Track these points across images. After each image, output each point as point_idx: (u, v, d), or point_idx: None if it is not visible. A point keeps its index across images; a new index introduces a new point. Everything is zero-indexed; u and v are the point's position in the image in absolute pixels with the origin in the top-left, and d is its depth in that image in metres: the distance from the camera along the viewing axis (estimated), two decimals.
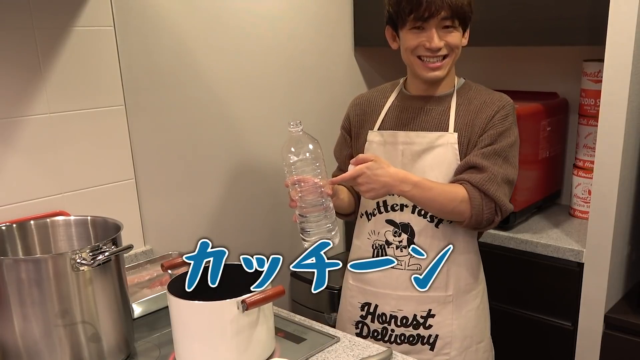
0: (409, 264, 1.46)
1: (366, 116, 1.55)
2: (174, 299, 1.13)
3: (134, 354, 1.28)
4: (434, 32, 1.37)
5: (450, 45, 1.40)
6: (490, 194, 1.37)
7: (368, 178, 1.31)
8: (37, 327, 1.12)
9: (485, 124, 1.41)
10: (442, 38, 1.38)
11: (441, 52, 1.39)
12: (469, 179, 1.38)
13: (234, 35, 1.98)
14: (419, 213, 1.45)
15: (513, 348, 2.02)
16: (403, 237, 1.46)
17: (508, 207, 1.41)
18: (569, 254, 1.83)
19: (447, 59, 1.41)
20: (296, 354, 1.24)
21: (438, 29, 1.38)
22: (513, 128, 1.44)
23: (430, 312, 1.47)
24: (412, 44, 1.40)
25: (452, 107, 1.45)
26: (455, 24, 1.38)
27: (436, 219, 1.44)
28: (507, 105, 1.44)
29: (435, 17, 1.35)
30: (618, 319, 1.76)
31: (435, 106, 1.47)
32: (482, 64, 2.47)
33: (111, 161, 1.70)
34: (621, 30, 1.60)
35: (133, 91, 1.73)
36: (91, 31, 1.61)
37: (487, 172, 1.37)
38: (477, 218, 1.38)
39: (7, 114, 1.48)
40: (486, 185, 1.37)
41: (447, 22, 1.37)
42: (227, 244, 2.09)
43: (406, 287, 1.46)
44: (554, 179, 2.24)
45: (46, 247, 1.35)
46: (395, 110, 1.51)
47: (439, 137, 1.44)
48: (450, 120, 1.44)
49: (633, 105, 1.67)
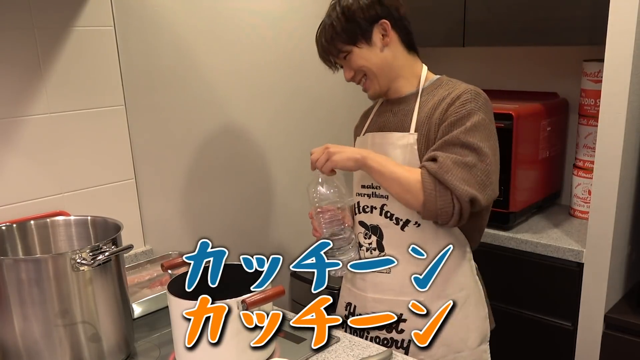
0: None
1: (360, 125, 1.60)
2: (174, 299, 1.13)
3: (134, 354, 1.28)
4: (344, 69, 1.47)
5: (355, 68, 1.44)
6: (444, 180, 1.29)
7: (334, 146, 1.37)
8: (37, 327, 1.12)
9: (440, 119, 1.36)
10: (349, 67, 1.44)
11: (357, 77, 1.46)
12: (425, 165, 1.33)
13: (234, 35, 1.98)
14: (385, 215, 1.44)
15: (513, 348, 2.02)
16: (373, 239, 1.46)
17: (466, 192, 1.29)
18: (569, 254, 1.84)
19: (368, 79, 1.45)
20: (296, 354, 1.24)
21: (341, 62, 1.46)
22: (474, 113, 1.34)
23: (402, 316, 1.44)
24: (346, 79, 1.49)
25: (415, 107, 1.43)
26: (346, 51, 1.41)
27: (402, 222, 1.42)
28: (464, 94, 1.36)
29: (332, 60, 1.45)
30: (618, 319, 1.76)
31: (402, 107, 1.47)
32: (482, 64, 2.47)
33: (111, 161, 1.70)
34: (621, 30, 1.60)
35: (133, 91, 1.73)
36: (91, 31, 1.61)
37: (438, 160, 1.31)
38: (430, 206, 1.31)
39: (7, 114, 1.48)
40: (438, 173, 1.30)
41: (341, 56, 1.43)
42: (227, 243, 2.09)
43: (378, 290, 1.46)
44: (554, 179, 2.24)
45: (46, 247, 1.35)
46: (376, 115, 1.54)
47: (400, 137, 1.42)
48: (412, 120, 1.42)
49: (633, 105, 1.67)
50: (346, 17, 1.39)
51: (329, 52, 1.44)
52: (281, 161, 2.20)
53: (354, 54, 1.41)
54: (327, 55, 1.46)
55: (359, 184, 1.48)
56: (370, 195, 1.46)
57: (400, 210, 1.42)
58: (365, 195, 1.47)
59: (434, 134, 1.37)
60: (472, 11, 2.05)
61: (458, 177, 1.29)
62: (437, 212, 1.32)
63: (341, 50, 1.42)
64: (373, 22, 1.40)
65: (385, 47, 1.42)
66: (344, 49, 1.41)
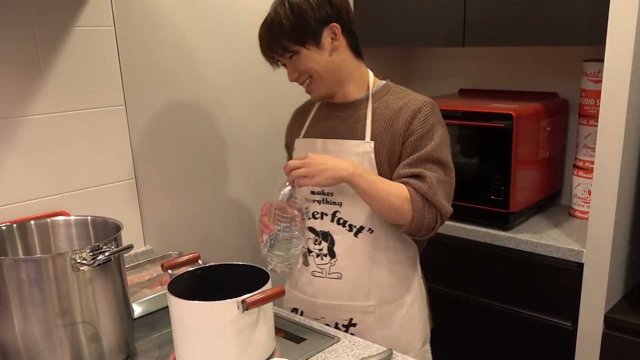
0: (329, 272, 1.45)
1: (296, 125, 1.57)
2: (174, 299, 1.13)
3: (134, 354, 1.28)
4: (288, 68, 1.42)
5: (302, 70, 1.39)
6: (432, 199, 1.33)
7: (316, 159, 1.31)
8: (37, 327, 1.12)
9: (404, 131, 1.37)
10: (294, 68, 1.40)
11: (301, 79, 1.41)
12: (412, 183, 1.34)
13: (234, 35, 1.98)
14: (338, 222, 1.43)
15: (513, 348, 2.02)
16: (323, 245, 1.45)
17: (448, 210, 1.36)
18: (569, 254, 1.84)
19: (314, 81, 1.41)
20: (296, 354, 1.24)
21: (289, 62, 1.40)
22: (437, 127, 1.38)
23: (351, 321, 1.46)
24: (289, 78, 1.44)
25: (368, 114, 1.42)
26: (293, 51, 1.36)
27: (355, 229, 1.42)
28: (424, 107, 1.38)
29: (272, 57, 1.40)
30: (618, 319, 1.76)
31: (351, 112, 1.45)
32: (482, 64, 2.47)
33: (111, 161, 1.70)
34: (621, 30, 1.60)
35: (133, 91, 1.73)
36: (91, 31, 1.61)
37: (426, 179, 1.33)
38: (418, 223, 1.33)
39: (7, 113, 1.48)
40: (428, 192, 1.33)
41: (286, 56, 1.38)
42: (227, 243, 2.10)
43: (326, 296, 1.47)
44: (554, 179, 2.24)
45: (46, 247, 1.35)
46: (316, 119, 1.52)
47: (357, 145, 1.40)
48: (367, 128, 1.40)
49: (633, 105, 1.67)
50: (295, 16, 1.33)
51: (273, 49, 1.38)
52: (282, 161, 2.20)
53: (301, 55, 1.36)
54: (271, 53, 1.40)
55: (308, 189, 1.45)
56: (320, 202, 1.44)
57: (353, 217, 1.42)
58: (316, 202, 1.45)
59: (398, 146, 1.38)
60: (472, 11, 2.05)
61: (442, 195, 1.35)
62: (422, 228, 1.35)
63: (288, 50, 1.36)
64: (323, 24, 1.35)
65: (334, 51, 1.38)
66: (291, 49, 1.36)
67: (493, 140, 1.98)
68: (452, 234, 2.09)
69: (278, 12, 1.35)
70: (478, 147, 2.03)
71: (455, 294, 2.13)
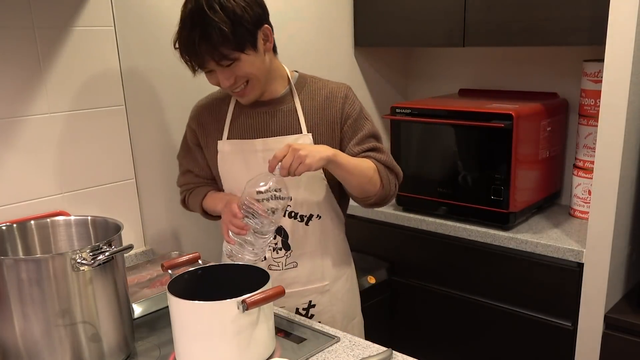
0: (285, 264, 1.52)
1: (209, 125, 1.52)
2: (174, 299, 1.13)
3: (134, 354, 1.28)
4: (220, 75, 1.35)
5: (241, 76, 1.36)
6: (391, 165, 1.50)
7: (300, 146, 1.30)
8: (37, 327, 1.12)
9: (340, 117, 1.47)
10: (231, 75, 1.34)
11: (237, 84, 1.37)
12: (373, 156, 1.47)
13: None
14: (290, 215, 1.49)
15: (513, 348, 2.02)
16: (278, 239, 1.50)
17: (401, 173, 1.54)
18: (569, 254, 1.84)
19: (250, 84, 1.39)
20: (296, 354, 1.24)
21: (222, 69, 1.33)
22: (362, 107, 1.52)
23: (310, 303, 1.56)
24: (212, 83, 1.40)
25: (297, 107, 1.46)
26: (229, 62, 1.32)
27: (305, 218, 1.50)
28: (348, 92, 1.49)
29: (208, 67, 1.33)
30: (618, 319, 1.76)
31: (279, 107, 1.47)
32: (482, 64, 2.47)
33: (111, 161, 1.70)
34: (621, 30, 1.60)
35: (133, 91, 1.73)
36: (91, 31, 1.61)
37: (382, 150, 1.49)
38: (385, 188, 1.48)
39: (7, 113, 1.48)
40: (387, 160, 1.49)
41: (222, 64, 1.32)
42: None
43: (286, 285, 1.45)
44: (554, 179, 2.24)
45: (46, 247, 1.35)
46: (240, 117, 1.49)
47: (296, 139, 1.44)
48: (300, 121, 1.46)
49: (633, 105, 1.67)
50: (232, 22, 1.27)
51: (210, 58, 1.30)
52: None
53: (241, 60, 1.32)
54: (205, 62, 1.32)
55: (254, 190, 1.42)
56: (269, 199, 1.42)
57: (302, 207, 1.49)
58: (264, 200, 1.42)
59: (337, 133, 1.47)
60: (472, 11, 2.05)
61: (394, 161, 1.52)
62: (389, 194, 1.50)
63: (228, 58, 1.30)
64: (257, 27, 1.33)
65: (267, 52, 1.38)
66: (231, 56, 1.30)
67: (493, 140, 1.98)
68: (452, 234, 2.09)
69: (211, 18, 1.26)
70: (478, 147, 2.03)
71: (455, 294, 2.13)
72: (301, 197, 1.48)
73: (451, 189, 2.11)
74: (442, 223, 2.11)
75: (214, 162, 1.53)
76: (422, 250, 2.20)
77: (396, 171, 1.51)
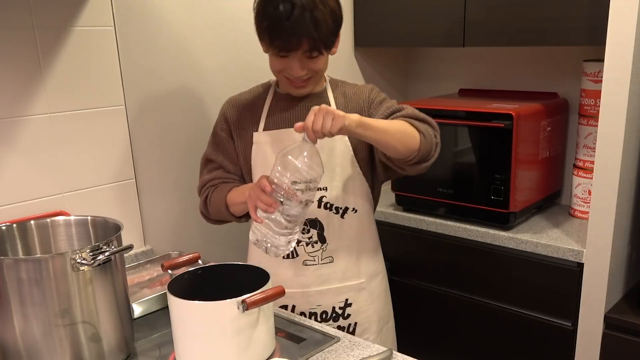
0: (321, 258, 1.50)
1: (245, 119, 1.53)
2: (174, 299, 1.13)
3: (134, 354, 1.28)
4: (297, 61, 1.36)
5: (313, 70, 1.40)
6: (420, 117, 1.41)
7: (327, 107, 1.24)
8: (37, 327, 1.12)
9: (367, 105, 1.49)
10: (305, 66, 1.37)
11: (306, 76, 1.40)
12: (399, 114, 1.40)
13: (233, 35, 1.98)
14: (325, 206, 1.47)
15: (513, 348, 2.02)
16: (312, 232, 1.48)
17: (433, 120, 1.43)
18: (569, 254, 1.84)
19: (313, 78, 1.43)
20: (296, 354, 1.24)
21: (302, 56, 1.35)
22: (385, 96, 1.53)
23: (347, 302, 1.53)
24: (276, 68, 1.41)
25: (332, 103, 1.49)
26: (316, 54, 1.36)
27: (341, 210, 1.49)
28: (374, 88, 1.53)
29: (296, 51, 1.34)
30: (618, 319, 1.76)
31: (315, 102, 1.48)
32: (482, 64, 2.47)
33: (111, 161, 1.70)
34: (621, 30, 1.60)
35: (133, 91, 1.73)
36: (91, 31, 1.61)
37: (406, 109, 1.42)
38: (427, 138, 1.37)
39: (7, 113, 1.48)
40: (413, 113, 1.40)
41: (308, 53, 1.35)
42: (227, 243, 2.10)
43: (322, 282, 1.50)
44: (554, 179, 2.24)
45: (46, 247, 1.35)
46: (276, 111, 1.51)
47: None
48: None
49: (633, 105, 1.67)
50: (333, 20, 1.34)
51: (305, 45, 1.31)
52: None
53: (322, 57, 1.38)
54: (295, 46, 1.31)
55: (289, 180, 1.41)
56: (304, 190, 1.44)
57: (339, 199, 1.48)
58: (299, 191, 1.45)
59: None
60: (472, 11, 2.05)
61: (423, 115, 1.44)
62: (432, 142, 1.39)
63: (319, 50, 1.34)
64: (339, 31, 1.40)
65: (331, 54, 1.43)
66: (321, 50, 1.35)
67: (493, 140, 1.98)
68: (452, 234, 2.09)
69: (321, 10, 1.29)
70: (478, 147, 2.03)
71: (455, 294, 2.13)
72: (336, 188, 1.48)
73: (451, 189, 2.11)
74: (442, 223, 2.11)
75: (247, 155, 1.52)
76: (422, 250, 2.20)
77: (428, 120, 1.42)
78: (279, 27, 1.29)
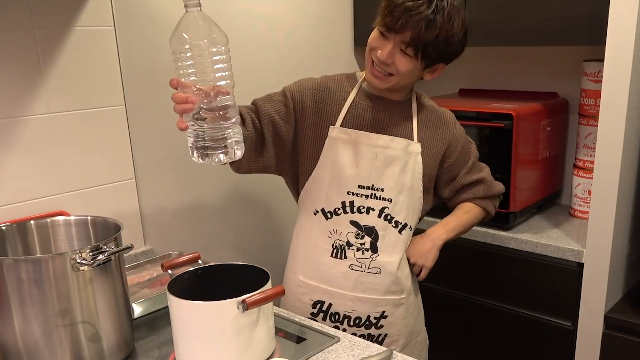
0: (369, 266, 1.48)
1: (325, 107, 1.48)
2: (174, 299, 1.13)
3: (134, 354, 1.28)
4: (390, 47, 1.35)
5: (397, 67, 1.37)
6: (494, 194, 1.63)
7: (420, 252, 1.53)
8: (37, 327, 1.12)
9: (449, 142, 1.53)
10: (393, 56, 1.36)
11: (388, 68, 1.38)
12: (474, 194, 1.59)
13: (233, 35, 1.98)
14: (385, 218, 1.47)
15: (513, 348, 2.02)
16: (366, 239, 1.47)
17: (502, 190, 1.66)
18: (569, 254, 1.84)
19: (392, 78, 1.40)
20: (296, 354, 1.24)
21: (397, 46, 1.35)
22: (463, 129, 1.60)
23: (383, 314, 1.52)
24: (371, 44, 1.40)
25: (413, 115, 1.50)
26: (410, 52, 1.35)
27: (400, 225, 1.49)
28: (455, 118, 1.58)
29: (397, 34, 1.33)
30: (618, 319, 1.76)
31: (397, 110, 1.48)
32: (482, 64, 2.47)
33: (111, 161, 1.70)
34: (621, 30, 1.60)
35: (133, 91, 1.73)
36: (91, 31, 1.61)
37: (484, 181, 1.60)
38: (490, 215, 1.66)
39: (7, 113, 1.48)
40: (489, 191, 1.61)
41: (404, 46, 1.34)
42: (227, 243, 2.10)
43: (364, 289, 1.49)
44: (554, 179, 2.24)
45: (46, 247, 1.35)
46: (358, 108, 1.48)
47: (408, 145, 1.47)
48: (414, 129, 1.49)
49: (633, 105, 1.67)
50: (446, 40, 1.34)
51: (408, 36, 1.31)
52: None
53: (410, 61, 1.36)
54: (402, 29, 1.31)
55: (355, 183, 1.46)
56: (368, 197, 1.46)
57: (401, 214, 1.48)
58: (363, 196, 1.46)
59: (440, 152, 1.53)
60: (472, 11, 2.05)
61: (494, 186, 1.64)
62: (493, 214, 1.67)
63: (415, 49, 1.34)
64: (444, 60, 1.43)
65: (424, 75, 1.46)
66: (414, 54, 1.35)
67: (493, 140, 1.98)
68: None
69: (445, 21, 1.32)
70: (478, 147, 2.03)
71: (455, 294, 2.13)
72: (400, 202, 1.47)
73: None
74: None
75: (315, 144, 1.47)
76: None
77: (498, 194, 1.65)
78: (401, 6, 1.31)
